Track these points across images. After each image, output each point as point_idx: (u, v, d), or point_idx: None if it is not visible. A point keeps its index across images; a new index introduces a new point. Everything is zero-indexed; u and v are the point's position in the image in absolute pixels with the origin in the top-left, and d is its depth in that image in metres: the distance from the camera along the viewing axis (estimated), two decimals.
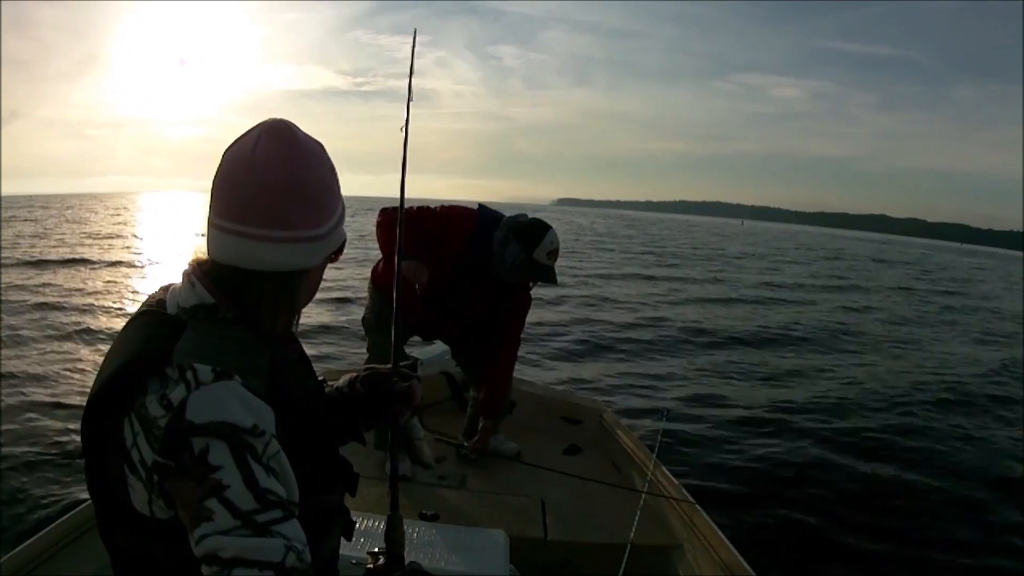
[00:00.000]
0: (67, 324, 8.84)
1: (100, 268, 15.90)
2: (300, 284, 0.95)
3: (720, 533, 2.38)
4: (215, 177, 0.90)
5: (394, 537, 1.10)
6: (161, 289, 0.97)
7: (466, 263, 2.84)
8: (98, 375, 0.88)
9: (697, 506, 2.60)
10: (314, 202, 0.91)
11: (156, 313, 0.92)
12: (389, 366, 1.20)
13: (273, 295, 0.93)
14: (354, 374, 1.20)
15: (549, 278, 2.84)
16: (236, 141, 0.91)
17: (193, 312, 0.89)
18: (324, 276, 1.01)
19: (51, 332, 8.30)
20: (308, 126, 0.94)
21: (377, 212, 2.88)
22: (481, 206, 2.96)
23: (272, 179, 0.87)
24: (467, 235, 2.84)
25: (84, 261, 16.85)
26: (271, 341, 0.93)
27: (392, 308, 1.37)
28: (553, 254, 2.81)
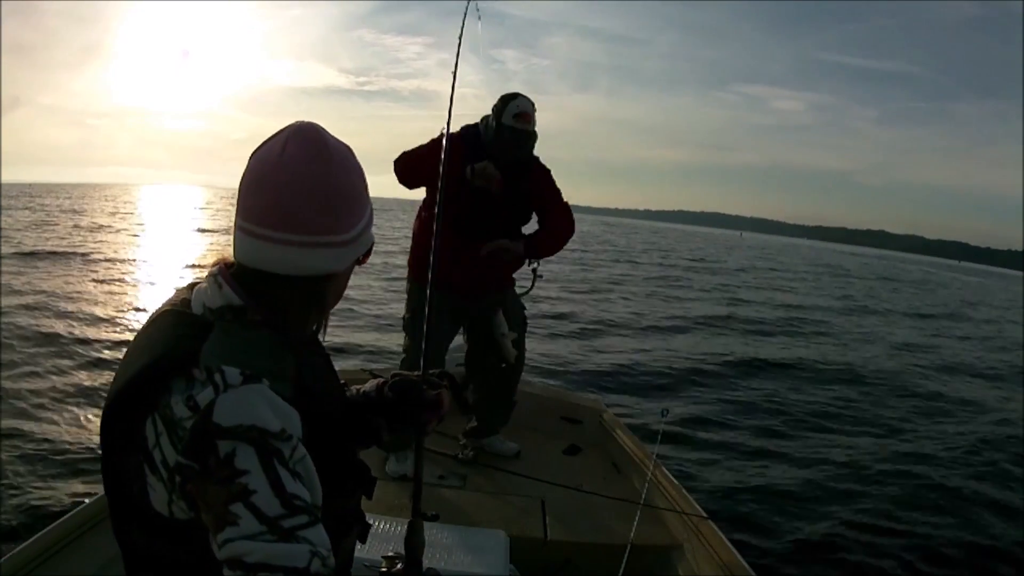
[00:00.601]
0: (64, 320, 8.71)
1: (97, 263, 15.78)
2: (328, 288, 0.94)
3: (720, 533, 2.38)
4: (242, 179, 0.89)
5: (414, 543, 1.10)
6: (186, 288, 0.96)
7: (469, 162, 2.83)
8: (120, 372, 0.88)
9: (697, 506, 2.61)
10: (343, 206, 0.90)
11: (182, 313, 0.90)
12: (418, 373, 1.20)
13: (301, 299, 0.92)
14: (382, 379, 1.19)
15: (520, 140, 2.85)
16: (263, 144, 0.90)
17: (220, 313, 0.88)
18: None
19: (48, 328, 8.15)
20: None
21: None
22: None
23: (301, 183, 0.86)
24: (458, 150, 2.83)
25: (80, 255, 16.70)
26: (298, 344, 0.93)
27: (425, 306, 1.34)
28: (521, 117, 2.83)
